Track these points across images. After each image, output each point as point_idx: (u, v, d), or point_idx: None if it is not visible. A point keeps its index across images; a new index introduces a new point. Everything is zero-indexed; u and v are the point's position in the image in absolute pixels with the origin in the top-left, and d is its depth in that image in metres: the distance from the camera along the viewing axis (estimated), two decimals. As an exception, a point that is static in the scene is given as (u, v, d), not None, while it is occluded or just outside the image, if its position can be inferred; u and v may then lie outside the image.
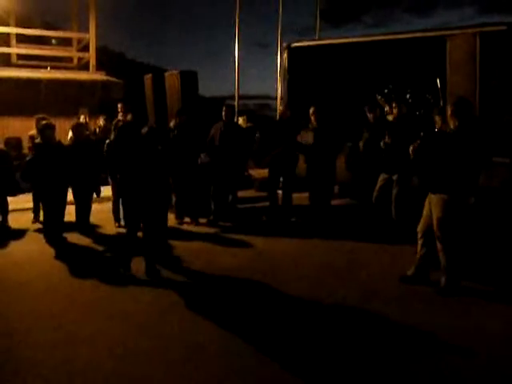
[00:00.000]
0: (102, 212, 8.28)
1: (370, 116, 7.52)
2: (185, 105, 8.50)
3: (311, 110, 7.79)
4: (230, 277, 5.84)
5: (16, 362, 3.93)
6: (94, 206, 7.94)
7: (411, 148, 5.33)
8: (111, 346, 4.17)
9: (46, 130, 7.12)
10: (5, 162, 7.74)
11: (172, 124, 8.08)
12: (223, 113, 8.19)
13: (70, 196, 7.35)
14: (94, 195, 7.78)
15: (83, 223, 7.69)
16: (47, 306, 4.98)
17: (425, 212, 5.42)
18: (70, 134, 8.13)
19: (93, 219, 7.86)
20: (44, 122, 7.36)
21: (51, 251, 6.71)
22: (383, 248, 6.82)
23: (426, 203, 5.39)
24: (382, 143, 6.89)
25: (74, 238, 7.28)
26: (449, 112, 5.18)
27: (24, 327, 4.52)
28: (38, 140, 7.22)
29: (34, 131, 8.51)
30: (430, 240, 5.39)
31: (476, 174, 5.18)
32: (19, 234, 7.63)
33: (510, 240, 6.58)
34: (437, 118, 5.66)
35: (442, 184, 5.13)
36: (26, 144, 8.70)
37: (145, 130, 6.05)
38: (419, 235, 5.51)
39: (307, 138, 7.79)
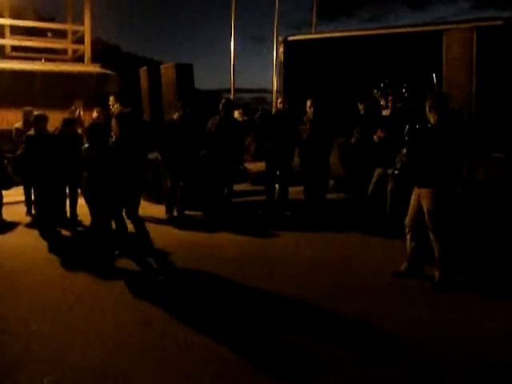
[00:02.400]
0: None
1: (360, 107, 7.51)
2: (185, 97, 8.45)
3: (308, 103, 7.76)
4: (224, 270, 5.83)
5: (10, 353, 3.91)
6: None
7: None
8: (104, 338, 4.15)
9: (39, 122, 7.08)
10: None
11: (176, 116, 8.03)
12: (221, 106, 8.16)
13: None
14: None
15: (71, 217, 7.67)
16: (40, 299, 4.96)
17: (411, 205, 5.45)
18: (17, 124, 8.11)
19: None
20: (37, 113, 7.31)
21: (44, 244, 6.69)
22: (377, 242, 6.82)
23: (413, 197, 5.41)
24: (375, 137, 6.88)
25: (67, 231, 7.26)
26: (427, 107, 5.24)
27: (17, 319, 4.50)
28: (31, 132, 7.18)
29: (20, 124, 8.44)
30: (418, 233, 5.42)
31: (460, 165, 5.29)
32: (13, 226, 7.61)
33: (506, 234, 6.58)
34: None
35: (428, 178, 5.17)
36: (14, 137, 8.60)
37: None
38: (407, 229, 5.54)
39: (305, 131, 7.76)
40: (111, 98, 10.11)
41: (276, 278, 5.58)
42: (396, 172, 5.67)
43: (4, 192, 7.88)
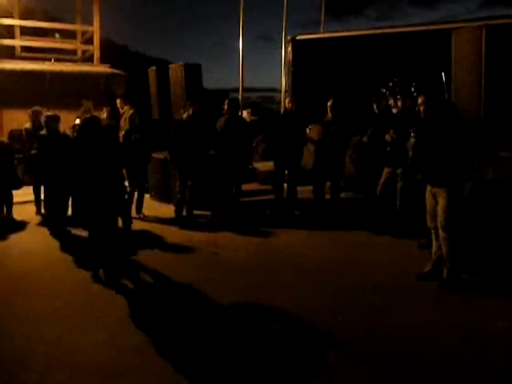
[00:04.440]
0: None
1: (374, 107, 7.50)
2: (193, 97, 8.47)
3: (329, 103, 7.75)
4: (233, 270, 5.85)
5: (21, 353, 3.95)
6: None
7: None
8: (114, 338, 4.19)
9: (52, 122, 7.15)
10: (7, 155, 7.74)
11: (184, 116, 8.06)
12: (226, 106, 8.17)
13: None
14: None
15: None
16: (51, 298, 5.00)
17: (429, 205, 5.39)
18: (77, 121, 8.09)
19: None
20: (49, 113, 7.38)
21: (55, 243, 6.74)
22: (387, 242, 6.81)
23: (429, 196, 5.38)
24: (387, 136, 6.87)
25: (77, 230, 7.29)
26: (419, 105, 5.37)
27: (28, 319, 4.55)
28: (43, 132, 7.25)
29: (28, 124, 8.50)
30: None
31: (468, 161, 5.27)
32: (23, 226, 7.67)
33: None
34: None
35: (441, 176, 5.16)
36: (24, 137, 8.65)
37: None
38: (432, 231, 5.44)
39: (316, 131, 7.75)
40: (118, 101, 10.16)
41: (285, 278, 5.59)
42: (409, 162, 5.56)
43: (14, 191, 7.95)
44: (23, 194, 8.51)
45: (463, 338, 4.18)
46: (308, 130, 7.75)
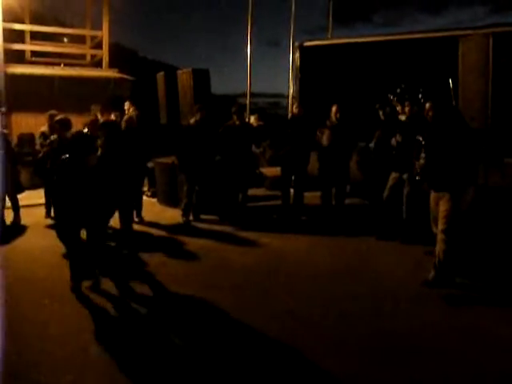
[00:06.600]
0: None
1: (380, 113, 7.53)
2: (201, 102, 8.52)
3: (334, 108, 7.78)
4: (240, 275, 5.87)
5: (31, 353, 3.99)
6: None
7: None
8: (122, 340, 4.24)
9: (62, 126, 7.24)
10: (12, 159, 7.79)
11: (193, 121, 8.11)
12: (233, 112, 8.22)
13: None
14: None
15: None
16: (58, 300, 5.04)
17: (433, 211, 5.42)
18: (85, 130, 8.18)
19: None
20: (59, 117, 7.47)
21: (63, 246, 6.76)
22: (394, 248, 6.81)
23: (432, 202, 5.40)
24: (393, 140, 6.89)
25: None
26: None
27: (37, 320, 4.59)
28: (54, 136, 7.32)
29: (45, 127, 8.59)
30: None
31: (471, 166, 5.30)
32: (32, 229, 7.71)
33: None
34: None
35: (445, 181, 5.21)
36: (37, 140, 8.76)
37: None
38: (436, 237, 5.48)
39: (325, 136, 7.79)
40: (127, 103, 10.25)
41: (292, 282, 5.61)
42: (417, 178, 5.61)
43: (24, 194, 8.00)
44: (32, 197, 8.57)
45: (465, 343, 4.19)
46: (319, 134, 7.77)
